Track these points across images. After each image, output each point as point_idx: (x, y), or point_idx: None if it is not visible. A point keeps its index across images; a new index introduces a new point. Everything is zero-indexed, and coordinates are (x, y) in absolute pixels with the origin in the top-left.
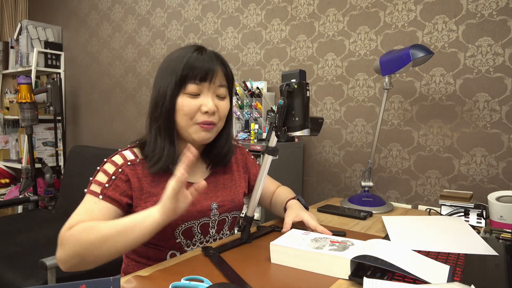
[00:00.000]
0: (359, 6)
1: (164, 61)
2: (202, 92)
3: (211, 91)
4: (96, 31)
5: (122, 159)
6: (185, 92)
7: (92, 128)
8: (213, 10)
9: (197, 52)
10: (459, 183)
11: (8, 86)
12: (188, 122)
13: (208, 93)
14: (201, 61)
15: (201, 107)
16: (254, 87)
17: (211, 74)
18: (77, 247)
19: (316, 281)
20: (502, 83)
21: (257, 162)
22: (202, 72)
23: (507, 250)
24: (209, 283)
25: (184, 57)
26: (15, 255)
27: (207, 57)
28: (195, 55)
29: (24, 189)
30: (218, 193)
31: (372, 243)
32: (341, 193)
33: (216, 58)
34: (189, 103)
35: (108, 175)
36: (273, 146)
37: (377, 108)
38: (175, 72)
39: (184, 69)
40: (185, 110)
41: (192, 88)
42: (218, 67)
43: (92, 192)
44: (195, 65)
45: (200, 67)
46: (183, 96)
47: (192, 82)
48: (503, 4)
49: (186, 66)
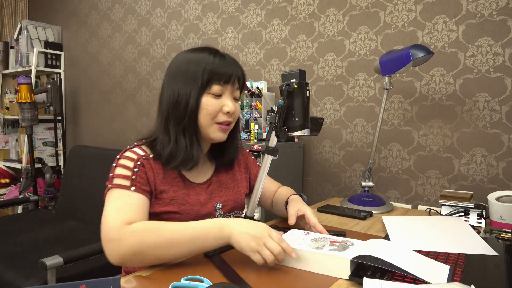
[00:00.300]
0: (359, 6)
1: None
2: (224, 93)
3: (231, 93)
4: (96, 31)
5: (135, 154)
6: (210, 92)
7: (92, 128)
8: (213, 10)
9: (219, 57)
10: (459, 183)
11: (8, 86)
12: (209, 122)
13: (229, 95)
14: (226, 65)
15: (223, 107)
16: (254, 87)
17: (234, 78)
18: (141, 246)
19: (316, 281)
20: (502, 83)
21: (257, 163)
22: (227, 75)
23: (507, 250)
24: (209, 283)
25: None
26: (15, 255)
27: (229, 61)
28: (217, 61)
29: (24, 189)
30: (221, 193)
31: (372, 243)
32: (341, 193)
33: (236, 63)
34: (213, 103)
35: (129, 169)
36: (273, 146)
37: (377, 108)
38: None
39: (210, 73)
40: (209, 109)
41: (217, 89)
42: (239, 71)
43: (120, 186)
44: (221, 70)
45: (225, 72)
46: (207, 96)
47: (217, 83)
48: (503, 4)
49: (212, 72)
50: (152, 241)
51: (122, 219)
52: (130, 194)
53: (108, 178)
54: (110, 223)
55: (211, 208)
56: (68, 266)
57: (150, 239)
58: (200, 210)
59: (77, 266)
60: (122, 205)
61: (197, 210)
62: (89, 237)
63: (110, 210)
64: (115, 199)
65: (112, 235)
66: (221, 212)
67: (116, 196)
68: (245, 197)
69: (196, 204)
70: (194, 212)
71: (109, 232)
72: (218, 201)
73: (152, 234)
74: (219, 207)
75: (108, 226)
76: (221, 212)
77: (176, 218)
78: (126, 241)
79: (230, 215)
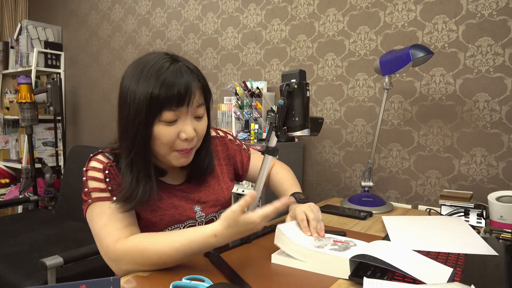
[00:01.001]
0: (359, 6)
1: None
2: (180, 117)
3: (189, 114)
4: (96, 31)
5: (100, 162)
6: (161, 119)
7: (92, 128)
8: (213, 10)
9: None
10: (459, 183)
11: (8, 86)
12: (167, 151)
13: (187, 118)
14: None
15: (179, 134)
16: (254, 87)
17: (188, 96)
18: (137, 265)
19: (316, 281)
20: (502, 83)
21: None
22: (178, 96)
23: (507, 250)
24: (210, 283)
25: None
26: (15, 255)
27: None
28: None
29: (24, 189)
30: (201, 194)
31: (374, 244)
32: (341, 193)
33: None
34: (167, 131)
35: (100, 180)
36: (273, 146)
37: (377, 108)
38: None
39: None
40: (163, 140)
41: (169, 116)
42: (195, 84)
43: (100, 199)
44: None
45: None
46: (159, 125)
47: (169, 109)
48: (503, 4)
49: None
50: (146, 262)
51: (113, 238)
52: (111, 205)
53: (84, 192)
54: (104, 243)
55: (189, 211)
56: (68, 266)
57: (144, 261)
58: (175, 213)
59: (77, 266)
60: (108, 221)
61: (171, 214)
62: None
63: (99, 228)
64: (98, 215)
65: (110, 256)
66: (202, 214)
67: (99, 212)
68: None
69: (169, 208)
70: (168, 217)
71: (107, 254)
72: (196, 204)
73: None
74: (198, 210)
75: (103, 248)
76: (201, 214)
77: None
78: (123, 262)
79: (215, 215)
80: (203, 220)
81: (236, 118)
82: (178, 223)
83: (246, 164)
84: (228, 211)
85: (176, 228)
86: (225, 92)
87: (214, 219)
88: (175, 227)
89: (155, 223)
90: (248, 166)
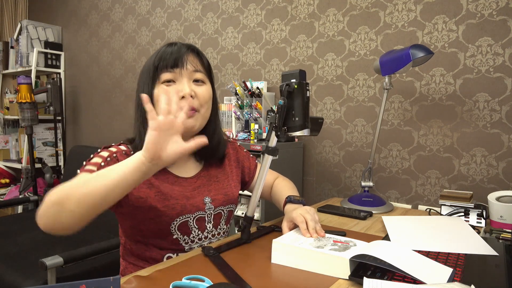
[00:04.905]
0: (359, 6)
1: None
2: (177, 79)
3: (185, 76)
4: (96, 31)
5: (117, 148)
6: (160, 81)
7: (92, 128)
8: (213, 10)
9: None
10: (459, 183)
11: (8, 86)
12: None
13: (183, 79)
14: (174, 51)
15: (178, 93)
16: (254, 87)
17: (181, 59)
18: (57, 194)
19: (316, 281)
20: (502, 83)
21: (250, 156)
22: (174, 58)
23: (507, 250)
24: (210, 283)
25: (156, 53)
26: (15, 255)
27: (177, 47)
28: (167, 49)
29: (24, 189)
30: (211, 187)
31: (374, 244)
32: (341, 193)
33: (186, 47)
34: (165, 91)
35: (102, 158)
36: (273, 146)
37: (377, 108)
38: (150, 69)
39: (156, 60)
40: None
41: (166, 76)
42: (189, 53)
43: (87, 170)
44: (167, 56)
45: (170, 55)
46: (158, 87)
47: (165, 70)
48: (503, 4)
49: (157, 58)
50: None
51: None
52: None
53: None
54: None
55: (199, 202)
56: (68, 266)
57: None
58: (186, 204)
59: (77, 266)
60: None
61: (183, 204)
62: (89, 237)
63: None
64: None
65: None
66: (211, 206)
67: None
68: (237, 191)
69: (181, 198)
70: (180, 207)
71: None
72: (207, 195)
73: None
74: (208, 201)
75: None
76: (211, 206)
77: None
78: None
79: (223, 209)
80: (212, 213)
81: (236, 118)
82: (188, 213)
83: (253, 171)
84: None
85: (186, 219)
86: (225, 92)
87: (222, 214)
88: (185, 218)
89: (165, 212)
90: (255, 173)
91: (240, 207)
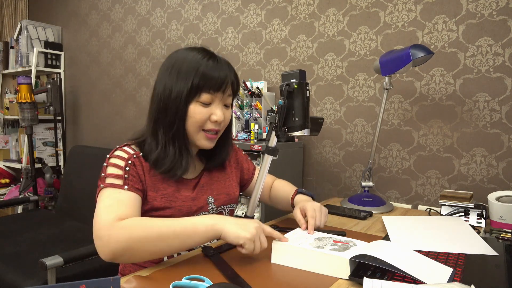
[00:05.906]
0: (359, 6)
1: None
2: (214, 101)
3: (221, 100)
4: (96, 31)
5: (126, 153)
6: (198, 100)
7: (92, 128)
8: (213, 10)
9: (212, 61)
10: (459, 183)
11: (8, 86)
12: (196, 129)
13: (219, 103)
14: (217, 71)
15: (211, 116)
16: (254, 87)
17: (225, 85)
18: (130, 241)
19: (316, 281)
20: (502, 83)
21: (248, 158)
22: (217, 83)
23: (507, 250)
24: (210, 283)
25: (199, 64)
26: (15, 255)
27: (222, 66)
28: (210, 64)
29: (24, 189)
30: (213, 187)
31: (374, 244)
32: (341, 193)
33: (229, 69)
34: (201, 111)
35: (121, 168)
36: (273, 146)
37: (377, 108)
38: (189, 78)
39: (201, 79)
40: (196, 118)
41: (206, 98)
42: (232, 77)
43: (113, 185)
44: (212, 75)
45: (217, 78)
46: (196, 104)
47: (207, 92)
48: (503, 4)
49: (203, 76)
50: (141, 235)
51: (114, 215)
52: (122, 192)
53: (100, 177)
54: (102, 220)
55: (203, 202)
56: (68, 266)
57: (140, 234)
58: (192, 205)
59: (77, 266)
60: (113, 202)
61: (189, 205)
62: (89, 237)
63: (101, 208)
64: (106, 197)
65: (103, 231)
66: (214, 205)
67: (107, 195)
68: (238, 191)
69: (187, 200)
70: (186, 208)
71: (100, 229)
72: (210, 195)
73: (142, 229)
74: (211, 201)
75: (99, 224)
76: (213, 205)
77: (167, 215)
78: (116, 236)
79: (224, 208)
80: (214, 212)
81: (236, 118)
82: (192, 214)
83: (252, 172)
84: None
85: None
86: None
87: (224, 213)
88: None
89: (170, 214)
90: (253, 175)
91: (240, 207)
